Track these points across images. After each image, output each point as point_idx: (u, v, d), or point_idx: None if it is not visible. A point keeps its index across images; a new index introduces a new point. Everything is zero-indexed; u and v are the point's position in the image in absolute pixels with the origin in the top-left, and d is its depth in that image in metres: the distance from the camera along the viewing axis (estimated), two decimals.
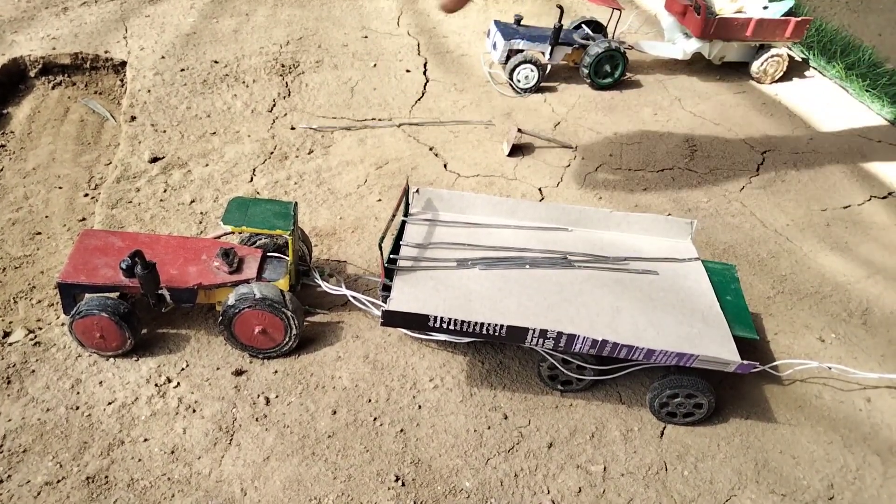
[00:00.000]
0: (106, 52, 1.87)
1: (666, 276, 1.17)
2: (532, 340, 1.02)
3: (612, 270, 1.16)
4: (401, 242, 1.16)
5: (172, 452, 0.99)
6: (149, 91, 1.74)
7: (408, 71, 1.98)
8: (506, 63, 1.92)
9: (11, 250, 1.29)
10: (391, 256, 1.11)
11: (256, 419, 1.04)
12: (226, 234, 1.26)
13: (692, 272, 1.19)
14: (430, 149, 1.67)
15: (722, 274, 1.22)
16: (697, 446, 1.09)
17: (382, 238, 1.07)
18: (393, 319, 1.03)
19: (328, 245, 1.36)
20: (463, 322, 1.01)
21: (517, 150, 1.69)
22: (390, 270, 1.10)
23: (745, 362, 1.01)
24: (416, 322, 1.02)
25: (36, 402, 1.02)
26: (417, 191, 1.23)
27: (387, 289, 1.09)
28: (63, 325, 1.14)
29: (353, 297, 1.17)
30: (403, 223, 1.21)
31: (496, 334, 1.02)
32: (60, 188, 1.46)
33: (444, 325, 1.01)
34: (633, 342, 1.00)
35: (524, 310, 1.06)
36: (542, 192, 1.57)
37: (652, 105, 1.96)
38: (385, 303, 1.06)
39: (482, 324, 1.00)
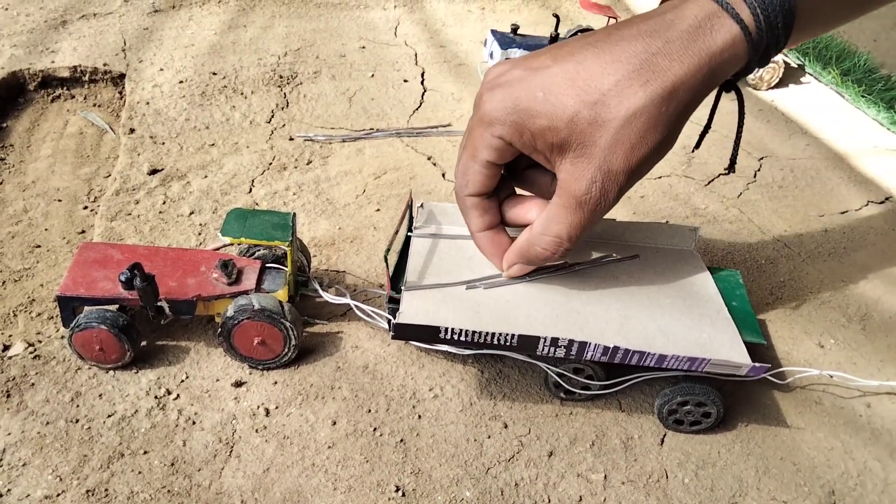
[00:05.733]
0: (105, 64, 1.88)
1: (673, 282, 1.17)
2: (543, 349, 1.02)
3: (616, 274, 1.17)
4: (407, 256, 1.16)
5: (172, 465, 0.98)
6: (147, 103, 1.75)
7: (405, 81, 1.99)
8: None
9: (11, 263, 1.29)
10: (402, 285, 1.11)
11: (256, 430, 1.04)
12: (224, 245, 1.26)
13: (698, 278, 1.19)
14: (429, 158, 1.68)
15: (727, 280, 1.22)
16: (698, 453, 1.09)
17: (388, 250, 1.07)
18: (403, 332, 1.03)
19: (327, 255, 1.36)
20: (474, 333, 1.01)
21: None
22: (397, 284, 1.10)
23: (758, 365, 1.01)
24: (427, 334, 1.02)
25: (35, 416, 1.02)
26: (422, 205, 1.24)
27: (393, 301, 1.09)
28: (62, 337, 1.14)
29: (356, 307, 1.17)
30: (408, 237, 1.21)
31: (507, 344, 1.02)
32: (60, 201, 1.46)
33: (455, 337, 1.02)
34: (644, 348, 1.00)
35: (532, 320, 1.06)
36: None
37: None
38: (393, 316, 1.06)
39: (493, 334, 1.00)
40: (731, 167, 0.89)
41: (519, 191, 1.01)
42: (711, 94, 0.72)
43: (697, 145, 0.91)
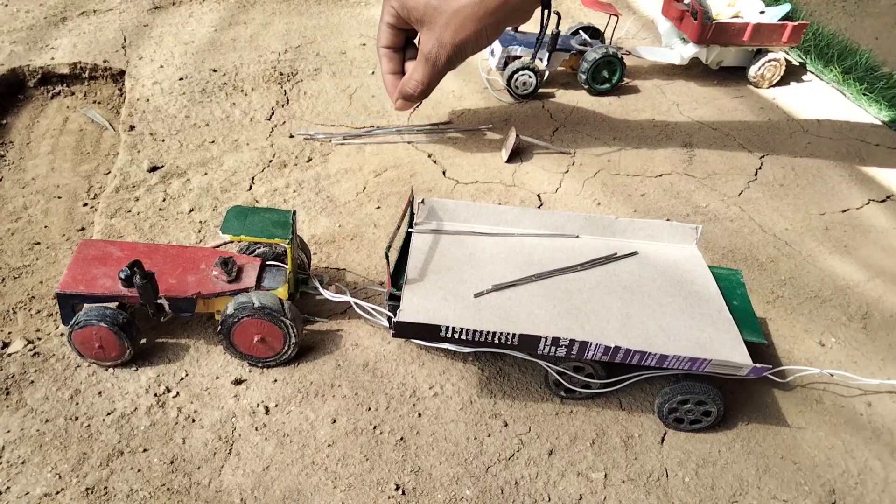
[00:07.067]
0: (105, 61, 1.87)
1: (674, 280, 1.17)
2: (544, 349, 1.01)
3: (617, 273, 1.16)
4: (408, 253, 1.16)
5: (172, 462, 0.98)
6: (147, 100, 1.75)
7: None
8: (504, 69, 1.92)
9: (10, 260, 1.28)
10: (402, 283, 1.11)
11: (256, 428, 1.04)
12: (225, 243, 1.26)
13: (699, 277, 1.19)
14: (429, 156, 1.68)
15: (728, 279, 1.22)
16: (698, 452, 1.08)
17: (389, 247, 1.07)
18: (404, 330, 1.03)
19: (327, 253, 1.36)
20: (475, 332, 1.00)
21: (515, 156, 1.69)
22: (398, 281, 1.10)
23: (759, 365, 1.01)
24: (428, 332, 1.02)
25: (35, 413, 1.02)
26: (423, 201, 1.23)
27: (393, 298, 1.08)
28: (62, 335, 1.13)
29: (356, 304, 1.16)
30: (409, 234, 1.21)
31: (508, 343, 1.01)
32: (59, 198, 1.46)
33: (456, 335, 1.01)
34: (645, 348, 1.00)
35: (534, 318, 1.06)
36: (540, 199, 1.58)
37: (650, 110, 1.97)
38: (393, 313, 1.05)
39: (494, 333, 1.00)
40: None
41: None
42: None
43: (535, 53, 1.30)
